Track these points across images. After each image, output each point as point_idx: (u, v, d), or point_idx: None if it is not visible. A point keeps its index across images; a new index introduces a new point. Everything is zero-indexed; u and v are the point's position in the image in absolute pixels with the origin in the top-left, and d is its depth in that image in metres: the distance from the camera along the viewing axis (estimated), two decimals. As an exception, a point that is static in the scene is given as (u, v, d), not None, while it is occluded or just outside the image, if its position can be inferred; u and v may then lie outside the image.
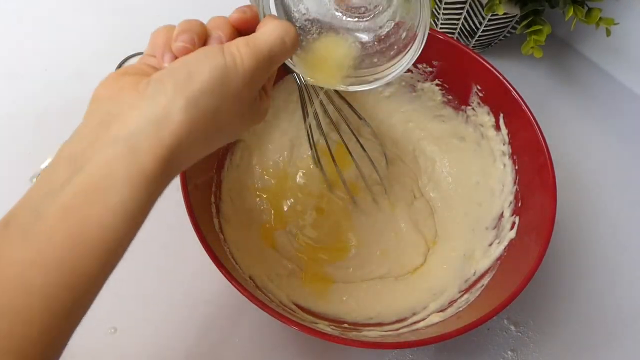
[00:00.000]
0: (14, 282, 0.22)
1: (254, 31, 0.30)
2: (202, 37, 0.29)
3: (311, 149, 0.50)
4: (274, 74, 0.34)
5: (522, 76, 0.62)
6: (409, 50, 0.33)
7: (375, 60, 0.34)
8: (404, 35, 0.33)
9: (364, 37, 0.34)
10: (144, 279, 0.47)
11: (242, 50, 0.28)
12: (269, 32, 0.29)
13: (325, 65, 0.34)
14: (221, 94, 0.27)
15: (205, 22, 0.30)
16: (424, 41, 0.32)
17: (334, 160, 0.49)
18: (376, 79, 0.34)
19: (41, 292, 0.22)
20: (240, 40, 0.28)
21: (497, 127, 0.47)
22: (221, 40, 0.29)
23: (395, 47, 0.33)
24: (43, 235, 0.23)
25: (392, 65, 0.34)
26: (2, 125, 0.55)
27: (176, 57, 0.28)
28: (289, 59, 0.34)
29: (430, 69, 0.49)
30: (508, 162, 0.47)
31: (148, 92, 0.26)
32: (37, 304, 0.22)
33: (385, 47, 0.34)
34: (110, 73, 0.29)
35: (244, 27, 0.31)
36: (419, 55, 0.32)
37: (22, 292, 0.22)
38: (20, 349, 0.21)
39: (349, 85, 0.34)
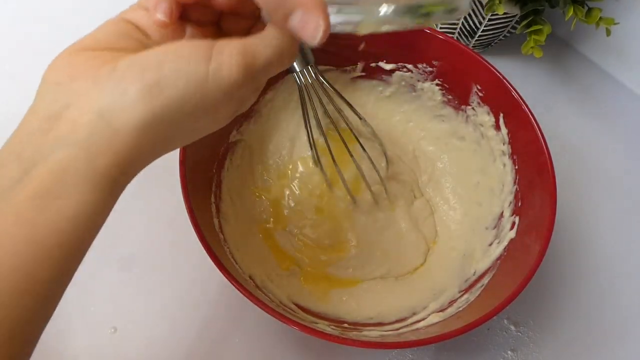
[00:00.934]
0: None
1: None
2: None
3: (311, 148, 0.50)
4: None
5: (522, 76, 0.62)
6: None
7: None
8: None
9: None
10: (144, 279, 0.47)
11: (235, 60, 0.24)
12: (272, 43, 0.25)
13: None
14: (194, 108, 0.24)
15: None
16: None
17: (334, 160, 0.49)
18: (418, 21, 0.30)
19: None
20: (237, 46, 0.24)
21: (497, 127, 0.47)
22: None
23: None
24: None
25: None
26: (1, 126, 0.55)
27: (172, 11, 0.25)
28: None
29: (430, 69, 0.49)
30: (508, 162, 0.47)
31: (107, 89, 0.23)
32: None
33: None
34: (66, 49, 0.25)
35: None
36: None
37: None
38: None
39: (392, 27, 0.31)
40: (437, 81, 0.50)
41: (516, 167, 0.46)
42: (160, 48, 0.24)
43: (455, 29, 0.60)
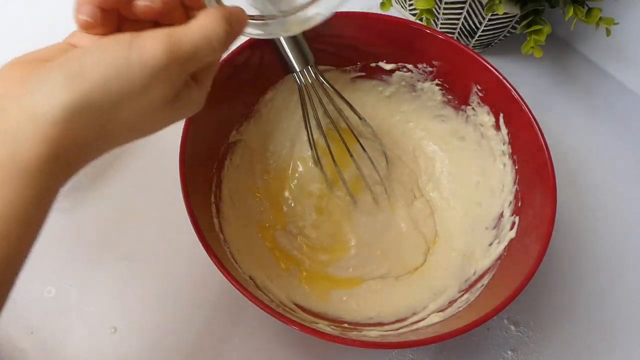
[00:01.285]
0: None
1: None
2: None
3: (311, 148, 0.50)
4: (215, 65, 0.31)
5: (522, 76, 0.62)
6: None
7: None
8: None
9: None
10: (144, 279, 0.47)
11: (157, 44, 0.25)
12: (198, 30, 0.26)
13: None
14: (119, 90, 0.24)
15: None
16: None
17: (334, 160, 0.49)
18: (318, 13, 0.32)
19: None
20: (159, 32, 0.25)
21: (497, 127, 0.47)
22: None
23: None
24: None
25: None
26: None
27: (95, 13, 0.26)
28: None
29: (430, 69, 0.49)
30: (508, 162, 0.47)
31: (34, 84, 0.24)
32: None
33: None
34: (11, 59, 0.27)
35: None
36: None
37: None
38: None
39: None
40: (437, 81, 0.50)
41: (516, 167, 0.46)
42: (84, 46, 0.25)
43: (455, 29, 0.60)
